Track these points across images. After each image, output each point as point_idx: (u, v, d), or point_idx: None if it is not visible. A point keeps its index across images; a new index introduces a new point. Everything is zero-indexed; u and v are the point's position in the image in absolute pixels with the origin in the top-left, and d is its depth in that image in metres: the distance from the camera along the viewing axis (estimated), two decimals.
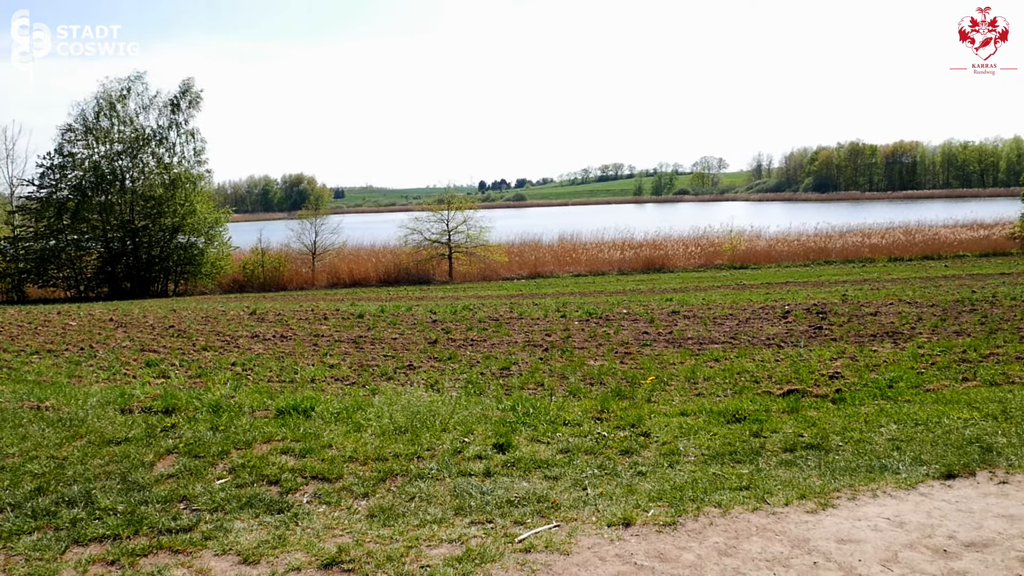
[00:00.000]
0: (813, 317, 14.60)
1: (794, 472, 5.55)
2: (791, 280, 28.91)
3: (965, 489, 5.15)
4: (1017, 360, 9.79)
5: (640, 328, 13.90)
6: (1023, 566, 4.09)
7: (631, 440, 6.40)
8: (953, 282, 23.72)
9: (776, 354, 10.94)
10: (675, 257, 41.32)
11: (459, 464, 5.82)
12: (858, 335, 12.42)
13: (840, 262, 39.31)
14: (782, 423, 6.80)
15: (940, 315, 14.31)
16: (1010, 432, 6.30)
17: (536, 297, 24.64)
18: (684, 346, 11.88)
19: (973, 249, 40.28)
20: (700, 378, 9.34)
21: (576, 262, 41.65)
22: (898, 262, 38.08)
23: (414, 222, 42.25)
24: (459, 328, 14.67)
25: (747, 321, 14.37)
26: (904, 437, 6.28)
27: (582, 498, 5.12)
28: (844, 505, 4.92)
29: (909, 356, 10.32)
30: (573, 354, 11.46)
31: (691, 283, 30.03)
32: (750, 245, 43.33)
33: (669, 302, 18.67)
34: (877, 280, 26.63)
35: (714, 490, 5.18)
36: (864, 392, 8.09)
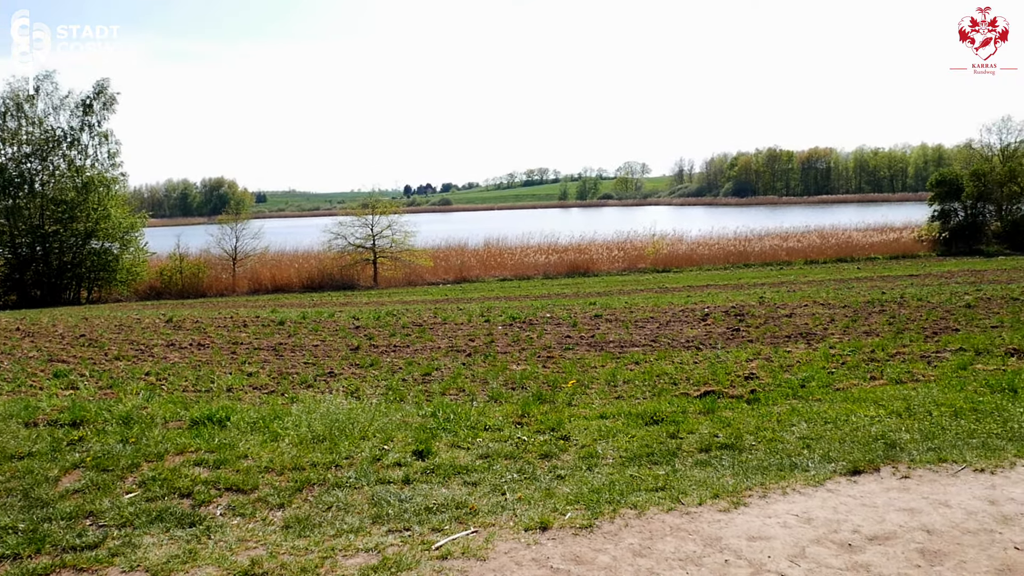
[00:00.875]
0: (731, 319, 14.93)
1: (709, 472, 5.65)
2: (712, 283, 29.53)
3: (870, 484, 5.32)
4: (922, 358, 10.17)
5: (563, 332, 14.00)
6: (922, 557, 4.25)
7: (551, 444, 6.44)
8: (865, 284, 24.56)
9: (695, 356, 11.15)
10: (599, 261, 41.81)
11: (378, 472, 5.77)
12: (774, 336, 12.75)
13: (759, 265, 40.34)
14: (698, 424, 6.93)
15: (851, 316, 14.78)
16: (913, 428, 6.54)
17: (461, 302, 24.61)
18: (606, 349, 12.02)
19: (884, 252, 41.81)
20: (620, 381, 9.46)
21: (502, 266, 41.76)
22: (814, 265, 39.27)
23: (338, 227, 41.78)
24: (382, 334, 14.55)
25: (668, 324, 14.61)
26: (814, 435, 6.47)
27: (501, 503, 5.13)
28: (756, 503, 5.04)
29: (821, 356, 10.64)
30: (496, 359, 11.48)
31: (615, 287, 30.41)
32: (672, 249, 44.12)
33: (592, 306, 18.86)
34: (794, 282, 27.40)
35: (631, 492, 5.25)
36: (777, 392, 8.31)
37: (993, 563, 4.16)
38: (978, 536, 4.49)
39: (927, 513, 4.81)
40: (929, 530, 4.58)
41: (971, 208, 42.76)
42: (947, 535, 4.51)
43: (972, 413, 6.97)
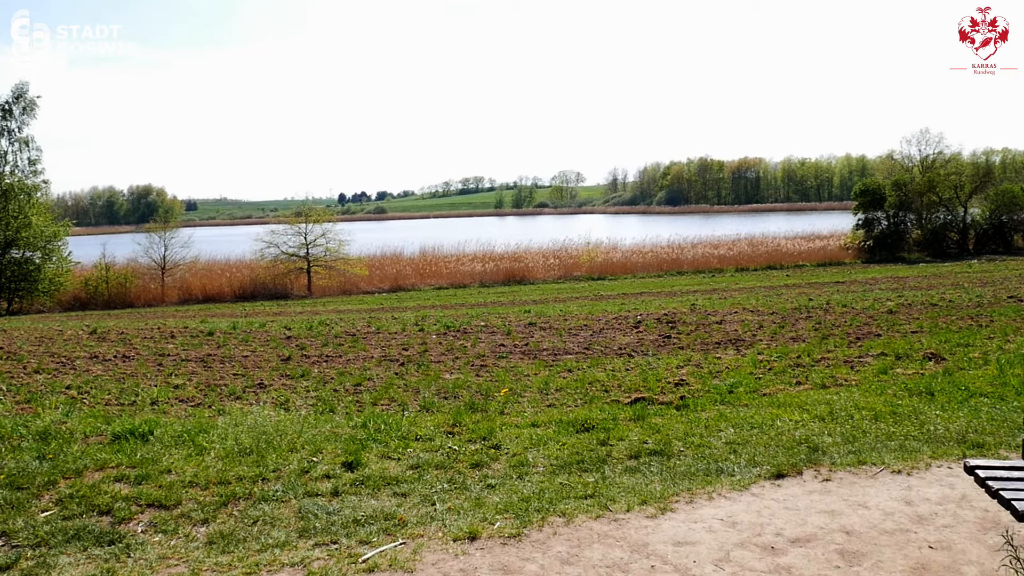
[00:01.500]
0: (663, 326, 15.12)
1: (638, 478, 5.71)
2: (646, 291, 29.91)
3: (793, 488, 5.44)
4: (845, 363, 10.45)
5: (497, 340, 14.01)
6: (841, 558, 4.35)
7: (482, 453, 6.43)
8: (793, 291, 25.13)
9: (627, 363, 11.26)
10: (535, 269, 41.98)
11: (306, 484, 5.69)
12: (704, 343, 12.95)
13: (692, 272, 40.98)
14: (628, 431, 7.00)
15: (779, 322, 15.11)
16: (835, 432, 6.71)
17: (396, 311, 24.46)
18: (539, 357, 12.06)
19: (811, 259, 42.88)
20: (553, 389, 9.50)
21: (438, 275, 41.63)
22: (744, 272, 40.04)
23: (271, 235, 41.19)
24: (314, 344, 14.37)
25: (601, 332, 14.74)
26: (740, 440, 6.59)
27: (430, 514, 5.10)
28: (682, 508, 5.10)
29: (749, 362, 10.85)
30: (429, 368, 11.43)
31: (550, 295, 30.56)
32: (607, 257, 44.57)
33: (527, 314, 18.92)
34: (725, 289, 27.91)
35: (560, 499, 5.27)
36: (706, 398, 8.44)
37: (908, 562, 4.28)
38: (894, 536, 4.62)
39: (847, 515, 4.93)
40: (848, 531, 4.69)
41: (893, 217, 44.14)
42: (865, 536, 4.63)
43: (891, 416, 7.19)
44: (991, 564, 4.16)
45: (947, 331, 12.98)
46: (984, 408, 7.33)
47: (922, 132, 50.99)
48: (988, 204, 44.37)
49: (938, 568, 4.21)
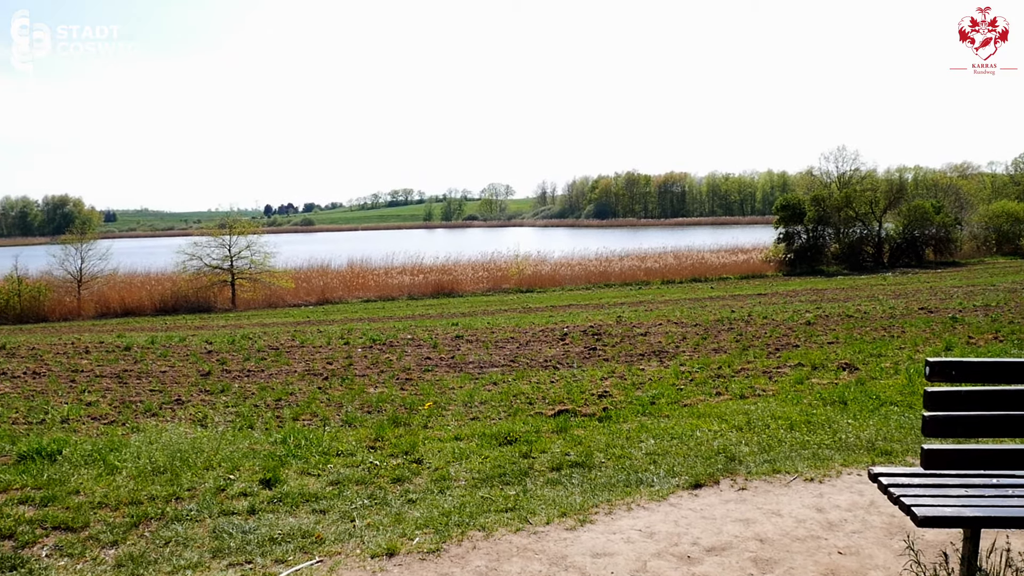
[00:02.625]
0: (589, 338, 15.26)
1: (559, 491, 5.73)
2: (574, 303, 30.13)
3: (710, 497, 5.53)
4: (764, 374, 10.69)
5: (423, 354, 13.94)
6: (755, 566, 4.44)
7: (404, 467, 6.38)
8: (717, 303, 25.62)
9: (552, 375, 11.32)
10: (464, 282, 41.91)
11: (222, 503, 5.55)
12: (628, 355, 13.11)
13: (619, 285, 41.44)
14: (551, 443, 7.03)
15: (702, 334, 15.39)
16: (752, 441, 6.86)
17: (323, 324, 24.13)
18: (465, 370, 12.04)
19: (735, 272, 43.80)
20: (477, 402, 9.48)
21: (365, 287, 41.23)
22: (670, 284, 40.66)
23: (193, 247, 40.21)
24: (236, 359, 14.07)
25: (527, 344, 14.79)
26: (661, 451, 6.68)
27: (349, 530, 5.03)
28: (602, 520, 5.14)
29: (672, 373, 11.01)
30: (353, 382, 11.30)
31: (479, 307, 30.55)
32: (536, 269, 44.77)
33: (455, 326, 18.88)
34: (651, 302, 28.30)
35: (480, 513, 5.25)
36: (629, 409, 8.53)
37: (819, 568, 4.39)
38: (806, 543, 4.73)
39: (761, 523, 5.04)
40: (762, 539, 4.79)
41: (813, 231, 45.44)
42: (778, 543, 4.73)
43: (806, 425, 7.38)
44: (896, 568, 4.29)
45: (861, 342, 13.39)
46: (893, 416, 7.58)
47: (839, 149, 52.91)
48: (901, 219, 46.08)
49: (846, 573, 4.32)
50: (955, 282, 29.92)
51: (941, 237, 46.24)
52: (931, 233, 45.99)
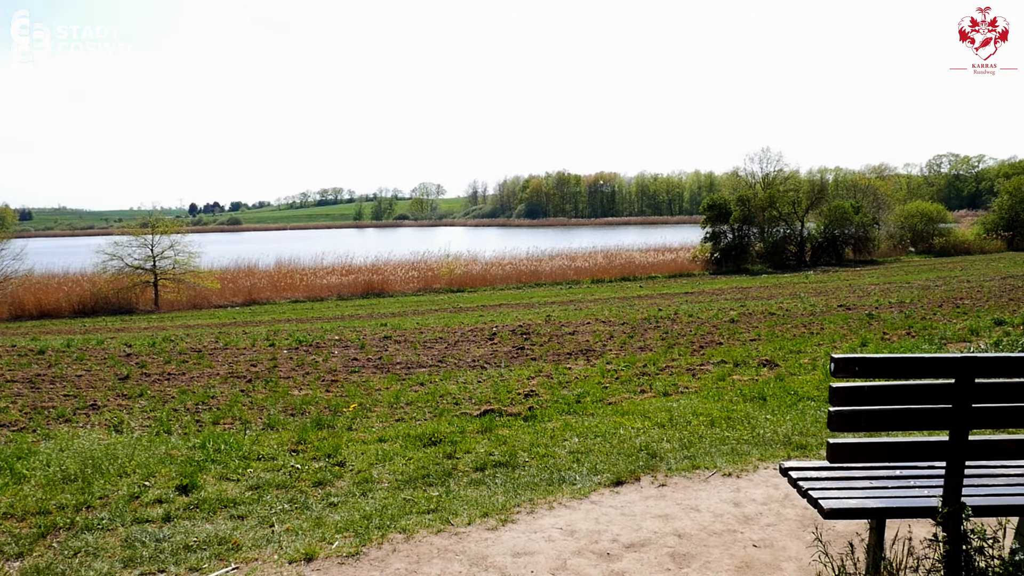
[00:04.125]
0: (517, 338, 15.30)
1: (482, 491, 5.73)
2: (504, 302, 30.16)
3: (631, 494, 5.59)
4: (688, 371, 10.87)
5: (350, 355, 13.79)
6: (672, 561, 4.50)
7: (326, 471, 6.30)
8: (645, 301, 25.95)
9: (479, 375, 11.31)
10: (394, 282, 41.62)
11: (135, 511, 5.40)
12: (556, 354, 13.18)
13: (549, 284, 41.64)
14: (476, 443, 7.02)
15: (629, 332, 15.56)
16: (673, 438, 6.96)
17: (249, 325, 23.68)
18: (392, 371, 11.95)
19: (663, 271, 44.44)
20: (403, 403, 9.42)
21: (294, 288, 40.61)
22: (600, 283, 41.03)
23: (114, 247, 39.00)
24: (156, 362, 13.70)
25: (456, 344, 14.76)
26: (584, 449, 6.73)
27: (267, 536, 4.94)
28: (523, 519, 5.15)
29: (598, 372, 11.11)
30: (278, 384, 11.11)
31: (410, 307, 30.36)
32: (467, 269, 44.70)
33: (383, 327, 18.73)
34: (581, 301, 28.51)
35: (402, 515, 5.22)
36: (554, 408, 8.58)
37: (734, 561, 4.48)
38: (722, 537, 4.82)
39: (679, 518, 5.11)
40: (680, 534, 4.86)
41: (738, 230, 46.40)
42: (696, 538, 4.81)
43: (726, 421, 7.52)
44: (807, 559, 4.40)
45: (782, 339, 13.72)
46: (810, 411, 7.78)
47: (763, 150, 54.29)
48: (822, 219, 47.38)
49: (761, 565, 4.41)
50: (873, 280, 30.88)
51: (860, 236, 47.69)
52: (850, 232, 47.40)
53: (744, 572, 4.34)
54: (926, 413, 3.37)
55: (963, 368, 3.26)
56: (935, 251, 49.37)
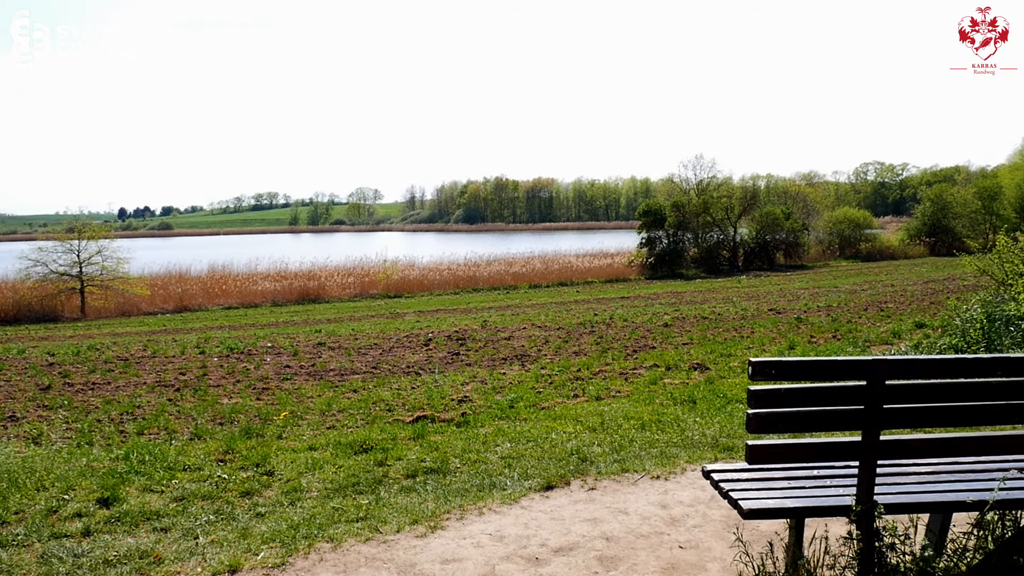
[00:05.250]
0: (453, 343, 15.27)
1: (412, 498, 5.70)
2: (442, 308, 30.08)
3: (560, 499, 5.63)
4: (621, 375, 10.98)
5: (283, 362, 13.60)
6: (600, 564, 4.54)
7: (254, 480, 6.20)
8: (582, 306, 26.14)
9: (413, 381, 11.26)
10: (330, 287, 41.17)
11: (53, 526, 5.24)
12: (491, 359, 13.20)
13: (487, 289, 41.66)
14: (407, 450, 6.99)
15: (564, 337, 15.67)
16: (604, 442, 7.02)
17: (180, 332, 23.17)
18: (325, 378, 11.82)
19: (600, 276, 44.80)
20: (335, 410, 9.33)
21: (227, 294, 39.87)
22: (537, 288, 41.20)
23: (38, 252, 37.77)
24: (80, 371, 13.31)
25: (391, 350, 14.67)
26: (516, 454, 6.75)
27: (190, 548, 4.84)
28: (453, 526, 5.14)
29: (532, 377, 11.16)
30: (207, 393, 10.90)
31: (346, 313, 30.07)
32: (404, 275, 44.44)
33: (318, 333, 18.52)
34: (518, 306, 28.59)
35: (330, 524, 5.16)
36: (487, 414, 8.59)
37: (660, 563, 4.54)
38: (649, 539, 4.88)
39: (608, 521, 5.16)
40: (608, 537, 4.91)
41: (673, 236, 47.05)
42: (623, 541, 4.86)
43: (656, 424, 7.62)
44: (731, 559, 4.49)
45: (713, 342, 13.97)
46: (737, 413, 7.93)
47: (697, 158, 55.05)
48: (754, 225, 48.39)
49: (686, 566, 4.48)
50: (802, 284, 31.64)
51: (790, 242, 48.80)
52: (781, 238, 48.47)
53: (670, 573, 4.40)
54: (840, 414, 3.46)
55: (874, 370, 3.36)
56: (862, 256, 50.81)
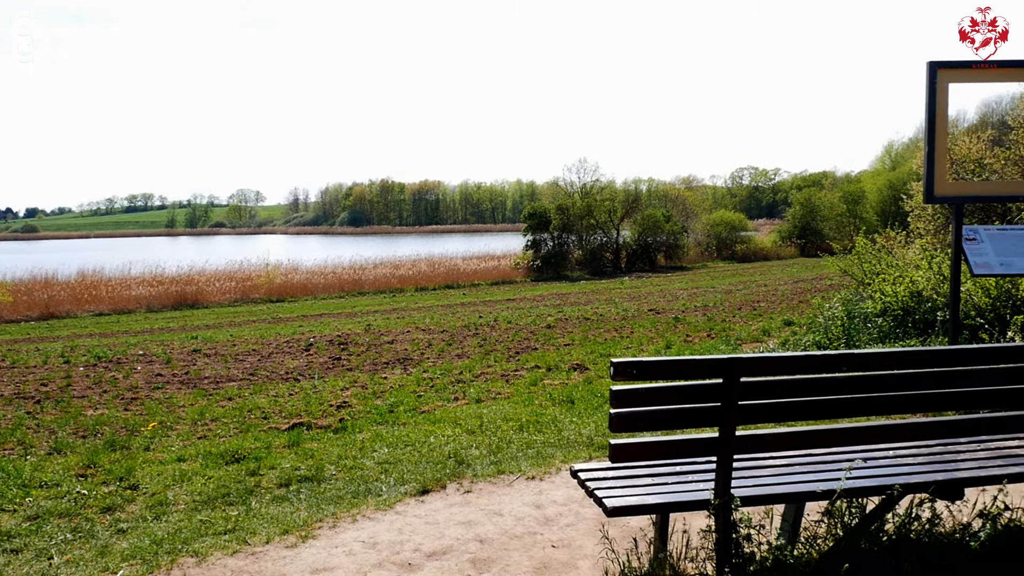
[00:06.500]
0: (335, 348, 15.03)
1: (284, 507, 5.58)
2: (326, 312, 29.56)
3: (436, 503, 5.61)
4: (502, 377, 11.05)
5: (155, 370, 13.07)
6: (473, 567, 4.55)
7: (116, 495, 5.94)
8: (468, 308, 26.18)
9: (292, 388, 11.02)
10: (210, 292, 39.85)
11: None
12: (373, 363, 13.05)
13: (373, 293, 41.20)
14: (282, 458, 6.83)
15: (448, 340, 15.65)
16: (482, 444, 7.05)
17: (45, 341, 21.96)
18: (199, 386, 11.42)
19: (486, 278, 44.98)
20: (208, 419, 9.02)
21: (98, 300, 38.04)
22: (424, 291, 41.01)
23: None
24: None
25: (270, 356, 14.32)
26: (393, 459, 6.69)
27: (43, 570, 4.59)
28: (325, 534, 5.05)
29: (414, 380, 11.09)
30: (70, 404, 10.36)
31: (226, 319, 29.16)
32: (287, 278, 43.47)
33: (194, 340, 17.91)
34: (404, 309, 28.39)
35: (196, 538, 4.99)
36: (366, 419, 8.48)
37: (533, 563, 4.58)
38: (523, 540, 4.92)
39: (482, 524, 5.18)
40: (482, 540, 4.92)
41: (558, 238, 47.72)
42: (497, 542, 4.89)
43: (534, 425, 7.69)
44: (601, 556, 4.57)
45: (594, 343, 14.22)
46: None
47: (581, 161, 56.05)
48: (636, 227, 49.60)
49: (558, 565, 4.54)
50: (682, 285, 32.62)
51: (671, 244, 50.25)
52: (662, 240, 49.86)
53: (542, 573, 4.45)
54: (698, 411, 3.58)
55: (729, 368, 3.49)
56: (738, 257, 52.78)
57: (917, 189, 15.26)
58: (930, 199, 7.23)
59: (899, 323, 10.44)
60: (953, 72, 7.00)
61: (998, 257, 7.11)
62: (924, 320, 10.22)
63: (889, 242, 14.82)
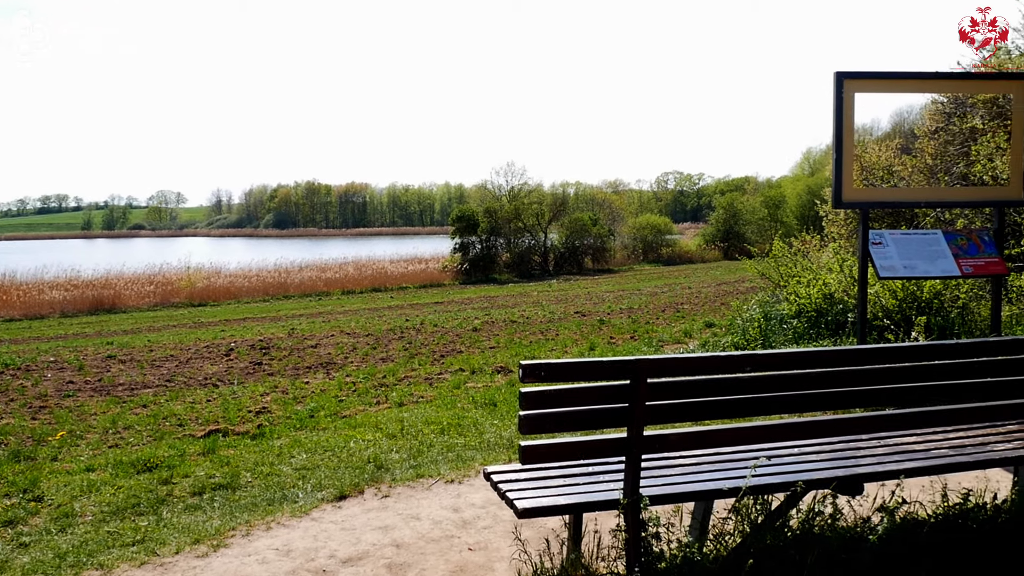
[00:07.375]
0: (256, 353, 14.78)
1: (197, 516, 5.46)
2: (250, 316, 29.01)
3: (353, 508, 5.56)
4: (426, 380, 11.02)
5: (66, 377, 12.65)
6: (389, 572, 4.52)
7: (19, 508, 5.73)
8: (395, 312, 26.02)
9: (210, 394, 10.79)
10: (128, 296, 38.73)
11: None
12: (296, 368, 12.87)
13: (299, 296, 40.59)
14: (196, 466, 6.69)
15: (373, 344, 15.52)
16: (402, 448, 7.01)
17: None
18: (113, 393, 11.10)
19: (414, 281, 44.74)
20: (120, 427, 8.77)
21: (8, 305, 36.60)
22: (351, 295, 40.58)
23: None
24: None
25: (188, 361, 13.99)
26: (311, 465, 6.61)
27: None
28: (238, 543, 4.96)
29: (336, 385, 10.98)
30: None
31: (144, 324, 28.39)
32: (210, 282, 42.52)
33: (109, 345, 17.38)
34: (330, 313, 28.05)
35: (103, 550, 4.85)
36: (285, 424, 8.37)
37: (449, 566, 4.58)
38: (440, 543, 4.91)
39: (399, 528, 5.15)
40: (399, 544, 4.90)
41: (486, 241, 47.78)
42: (414, 547, 4.87)
43: (456, 428, 7.69)
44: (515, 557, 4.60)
45: (519, 345, 14.28)
46: None
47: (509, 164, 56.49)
48: (564, 230, 49.99)
49: (474, 568, 4.55)
50: (608, 287, 32.99)
51: (598, 247, 50.80)
52: (589, 243, 50.37)
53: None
54: (607, 412, 3.62)
55: (636, 369, 3.55)
56: (663, 260, 53.64)
57: (829, 194, 15.75)
58: (838, 204, 7.47)
59: (813, 324, 10.75)
60: (859, 82, 7.23)
61: (902, 260, 7.38)
62: (836, 321, 10.55)
63: (805, 245, 15.23)
